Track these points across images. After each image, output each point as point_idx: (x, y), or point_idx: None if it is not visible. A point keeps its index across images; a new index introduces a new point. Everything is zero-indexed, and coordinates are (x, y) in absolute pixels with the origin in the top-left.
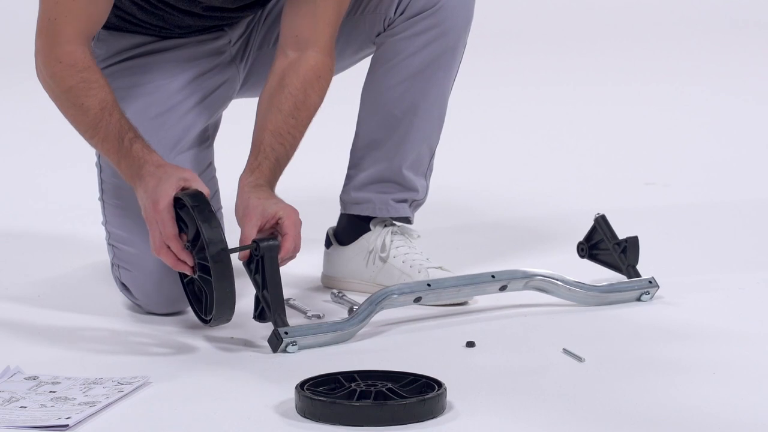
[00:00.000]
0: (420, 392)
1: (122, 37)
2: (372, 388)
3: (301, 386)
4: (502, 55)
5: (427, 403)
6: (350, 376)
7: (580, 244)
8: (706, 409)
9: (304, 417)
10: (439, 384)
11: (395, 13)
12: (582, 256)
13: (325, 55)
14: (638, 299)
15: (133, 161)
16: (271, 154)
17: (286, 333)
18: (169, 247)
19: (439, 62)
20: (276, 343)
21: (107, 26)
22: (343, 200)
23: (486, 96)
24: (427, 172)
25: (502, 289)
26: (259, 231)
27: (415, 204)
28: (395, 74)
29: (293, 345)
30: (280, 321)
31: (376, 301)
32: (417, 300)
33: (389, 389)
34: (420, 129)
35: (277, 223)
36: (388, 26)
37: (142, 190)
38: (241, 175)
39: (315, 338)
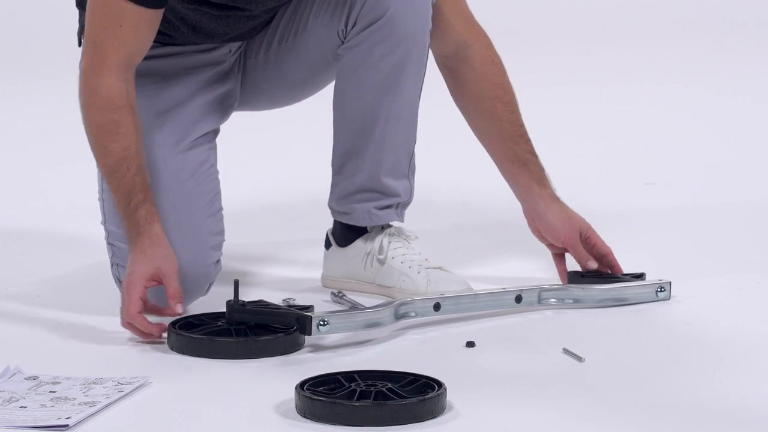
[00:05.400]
0: (420, 392)
1: None
2: (372, 388)
3: (301, 386)
4: (501, 55)
5: (427, 403)
6: (350, 376)
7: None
8: (706, 408)
9: (304, 417)
10: (439, 384)
11: (346, 25)
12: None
13: (477, 37)
14: (655, 295)
15: (133, 226)
16: (533, 159)
17: (313, 314)
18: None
19: (401, 69)
20: (307, 324)
21: None
22: (331, 208)
23: None
24: (409, 173)
25: (518, 300)
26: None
27: (401, 206)
28: (360, 85)
29: (323, 324)
30: (300, 310)
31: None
32: (437, 307)
33: (389, 389)
34: (393, 134)
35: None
36: (345, 39)
37: (130, 259)
38: (532, 188)
39: (345, 319)
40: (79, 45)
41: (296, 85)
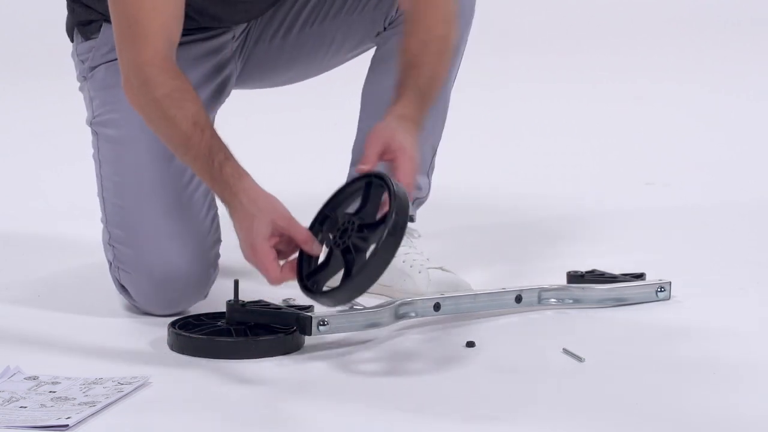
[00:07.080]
0: (367, 190)
1: None
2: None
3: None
4: (500, 54)
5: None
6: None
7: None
8: (706, 408)
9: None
10: (381, 177)
11: (397, 12)
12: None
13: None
14: (655, 295)
15: (225, 187)
16: (410, 83)
17: (313, 314)
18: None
19: None
20: (307, 324)
21: None
22: None
23: (486, 95)
24: (429, 170)
25: (518, 300)
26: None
27: (418, 202)
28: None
29: (323, 324)
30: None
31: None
32: (437, 307)
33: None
34: (423, 129)
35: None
36: (389, 25)
37: (236, 225)
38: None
39: (345, 319)
40: (71, 40)
41: (308, 72)
